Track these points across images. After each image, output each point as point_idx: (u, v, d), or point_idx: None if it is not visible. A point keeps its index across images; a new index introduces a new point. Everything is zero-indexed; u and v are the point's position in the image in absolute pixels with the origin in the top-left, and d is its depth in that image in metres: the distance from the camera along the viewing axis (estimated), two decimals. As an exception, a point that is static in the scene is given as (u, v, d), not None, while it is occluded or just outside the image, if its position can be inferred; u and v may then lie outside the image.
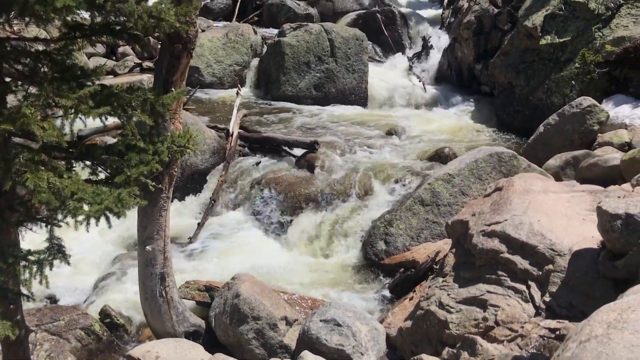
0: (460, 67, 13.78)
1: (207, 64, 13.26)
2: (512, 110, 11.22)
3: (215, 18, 17.56)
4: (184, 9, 4.25)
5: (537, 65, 11.03)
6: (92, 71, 4.26)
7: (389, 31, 15.78)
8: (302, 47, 12.89)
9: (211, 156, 9.33)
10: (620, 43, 9.80)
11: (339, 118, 11.93)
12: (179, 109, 4.86)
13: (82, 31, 4.32)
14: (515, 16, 12.21)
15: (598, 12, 10.36)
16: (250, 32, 14.05)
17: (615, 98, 9.61)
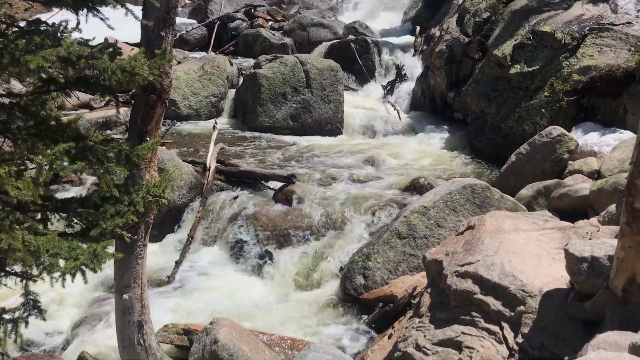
0: (434, 94, 14.04)
1: (183, 96, 13.31)
2: (484, 138, 11.44)
3: (191, 48, 17.69)
4: (157, 62, 4.33)
5: (508, 93, 11.29)
6: (67, 125, 4.30)
7: (363, 60, 16.01)
8: (278, 79, 13.03)
9: (188, 192, 9.33)
10: (587, 72, 10.10)
11: (316, 148, 12.04)
12: (154, 158, 4.90)
13: (56, 84, 4.37)
14: (486, 45, 12.51)
15: (564, 42, 10.67)
16: (226, 63, 14.16)
17: (584, 126, 9.88)
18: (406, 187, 9.41)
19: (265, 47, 17.20)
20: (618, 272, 3.52)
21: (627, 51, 9.99)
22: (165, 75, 4.57)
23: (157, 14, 4.49)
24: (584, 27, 10.69)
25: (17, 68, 3.62)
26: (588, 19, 10.93)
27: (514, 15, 12.01)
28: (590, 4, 11.45)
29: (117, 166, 4.27)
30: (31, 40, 3.72)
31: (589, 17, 10.98)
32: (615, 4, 11.17)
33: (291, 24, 18.18)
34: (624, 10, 10.91)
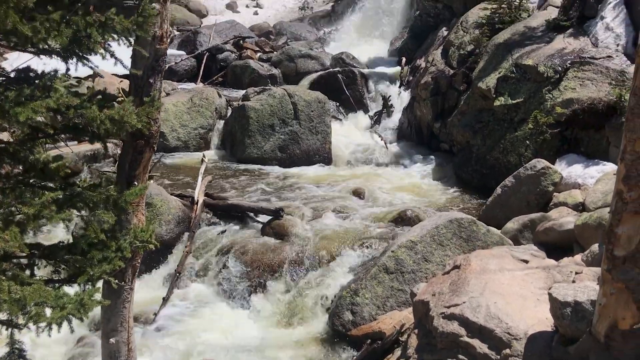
0: (420, 125, 14.20)
1: (171, 128, 13.36)
2: (470, 169, 11.56)
3: (180, 79, 17.79)
4: (146, 110, 4.38)
5: (493, 125, 11.46)
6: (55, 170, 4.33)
7: (350, 90, 16.17)
8: (266, 111, 13.14)
9: (176, 226, 9.33)
10: (569, 105, 10.30)
11: (304, 179, 12.10)
12: (142, 202, 4.93)
13: (45, 132, 4.41)
14: (470, 77, 12.73)
15: (547, 75, 10.89)
16: (215, 95, 14.26)
17: (567, 158, 10.04)
18: (393, 220, 9.47)
19: (253, 78, 17.34)
20: (600, 318, 3.58)
21: (608, 85, 10.21)
22: (154, 122, 4.63)
23: (145, 62, 4.56)
24: (566, 61, 10.93)
25: (6, 120, 3.66)
26: (569, 53, 11.17)
27: (497, 48, 12.24)
28: (572, 38, 11.72)
29: (105, 213, 4.30)
30: (21, 92, 3.77)
31: (571, 51, 11.23)
32: (595, 38, 11.44)
33: (279, 55, 18.37)
34: (604, 44, 11.18)
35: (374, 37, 22.53)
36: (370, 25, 23.49)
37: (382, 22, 23.04)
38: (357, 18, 24.66)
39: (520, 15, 13.37)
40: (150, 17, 4.16)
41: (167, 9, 4.66)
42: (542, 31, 12.25)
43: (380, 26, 23.00)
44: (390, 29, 22.58)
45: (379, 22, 23.11)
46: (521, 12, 13.46)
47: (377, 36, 22.42)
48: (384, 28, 22.80)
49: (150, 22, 4.22)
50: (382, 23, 23.01)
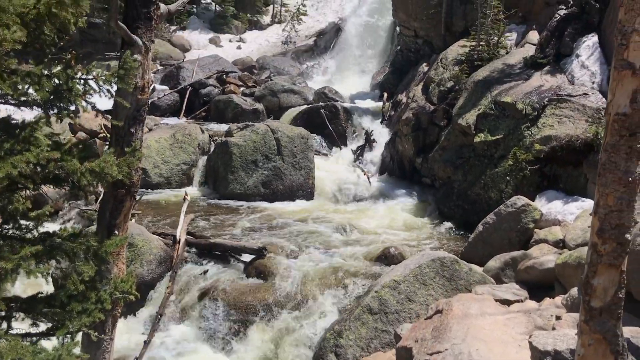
0: (402, 160, 14.33)
1: (154, 164, 13.34)
2: (452, 205, 11.66)
3: (163, 114, 17.84)
4: (127, 160, 4.39)
5: (473, 161, 11.61)
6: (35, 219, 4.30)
7: (333, 125, 16.33)
8: (250, 147, 13.19)
9: (157, 266, 9.24)
10: (548, 142, 10.48)
11: (288, 215, 12.10)
12: (122, 251, 4.90)
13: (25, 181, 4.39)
14: (450, 113, 12.92)
15: (525, 112, 11.10)
16: (198, 131, 14.30)
17: (547, 194, 10.18)
18: (377, 257, 9.48)
19: (236, 113, 17.46)
20: (580, 369, 3.60)
21: (585, 122, 10.43)
22: (135, 171, 4.63)
23: (127, 112, 4.59)
24: (544, 98, 11.16)
25: (-15, 176, 3.64)
26: (547, 90, 11.41)
27: (476, 85, 12.48)
28: (549, 75, 11.99)
29: (85, 265, 4.27)
30: (1, 146, 3.77)
31: (548, 88, 11.47)
32: (572, 76, 11.71)
33: (262, 90, 18.54)
34: (580, 81, 11.44)
35: (356, 71, 22.87)
36: (352, 60, 23.87)
37: (363, 57, 23.42)
38: (339, 52, 25.07)
39: (499, 52, 13.68)
40: (132, 70, 4.21)
41: (148, 60, 4.71)
42: (520, 68, 12.53)
43: (362, 60, 23.39)
44: (371, 63, 22.98)
45: (361, 57, 23.50)
46: (499, 49, 13.78)
47: (359, 70, 22.78)
48: (365, 62, 23.19)
49: (132, 74, 4.26)
50: (364, 57, 23.40)
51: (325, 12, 27.83)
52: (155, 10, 4.61)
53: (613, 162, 3.31)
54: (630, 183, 3.28)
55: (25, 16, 3.52)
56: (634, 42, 3.13)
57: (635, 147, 3.27)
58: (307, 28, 27.13)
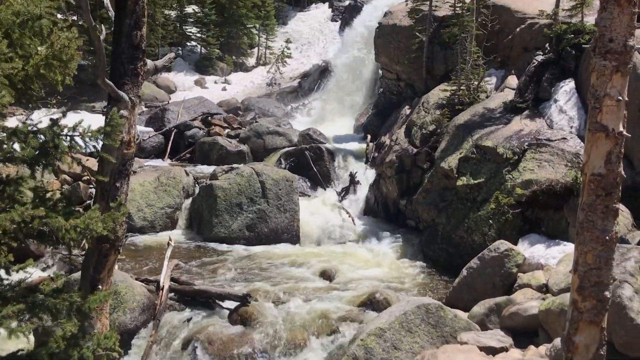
0: (387, 201, 14.43)
1: (138, 208, 13.26)
2: (436, 248, 11.72)
3: (147, 156, 17.84)
4: (112, 215, 4.40)
5: (456, 204, 11.73)
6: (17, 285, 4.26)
7: (318, 166, 16.43)
8: (234, 190, 13.21)
9: (140, 314, 9.09)
10: (529, 186, 10.64)
11: (273, 259, 12.05)
12: (106, 306, 4.86)
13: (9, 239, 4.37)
14: (433, 156, 13.11)
15: (506, 157, 11.30)
16: (182, 174, 14.30)
17: (530, 238, 10.29)
18: (362, 303, 9.43)
19: (221, 155, 17.52)
20: None
21: (565, 166, 10.64)
22: (120, 226, 4.64)
23: (112, 167, 4.62)
24: (524, 142, 11.39)
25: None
26: (527, 134, 11.66)
27: (457, 129, 12.71)
28: (528, 119, 12.26)
29: (67, 322, 4.22)
30: (-15, 205, 3.77)
31: (528, 132, 11.72)
32: (550, 120, 11.99)
33: (247, 131, 18.66)
34: (558, 126, 11.71)
35: (340, 113, 23.13)
36: (336, 101, 24.17)
37: (347, 98, 23.74)
38: (323, 94, 25.41)
39: (479, 96, 13.99)
40: (118, 126, 4.26)
41: (134, 114, 4.77)
42: (500, 112, 12.81)
43: (346, 102, 23.69)
44: (355, 105, 23.27)
45: (345, 98, 23.81)
46: (479, 93, 14.09)
47: (343, 112, 23.04)
48: (349, 104, 23.48)
49: (118, 130, 4.31)
50: (348, 99, 23.72)
51: (310, 55, 28.32)
52: (142, 67, 4.69)
53: (590, 220, 3.39)
54: (607, 241, 3.36)
55: (14, 77, 3.57)
56: (606, 105, 3.26)
57: (612, 206, 3.36)
58: (292, 70, 27.53)
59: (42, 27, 3.70)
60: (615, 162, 3.31)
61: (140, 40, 4.53)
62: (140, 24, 4.53)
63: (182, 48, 27.27)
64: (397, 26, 18.04)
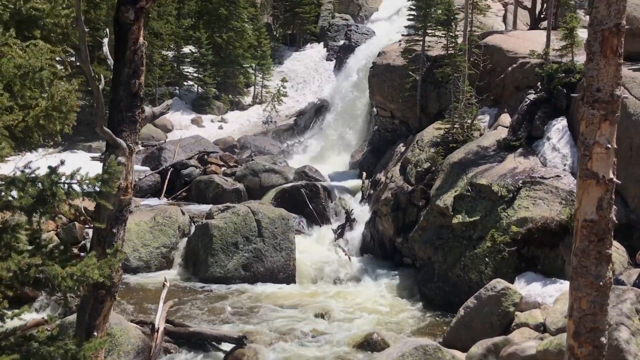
0: (383, 239, 14.42)
1: (133, 248, 13.21)
2: (433, 286, 11.67)
3: (144, 195, 17.85)
4: (109, 262, 4.40)
5: (452, 242, 11.74)
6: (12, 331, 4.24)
7: (314, 204, 16.45)
8: (230, 229, 13.20)
9: (135, 357, 8.98)
10: (524, 224, 10.69)
11: (268, 299, 11.98)
12: (101, 353, 4.81)
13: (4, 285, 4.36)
14: (428, 193, 13.17)
15: (501, 194, 11.37)
16: (178, 213, 14.29)
17: (526, 276, 10.28)
18: (360, 344, 9.37)
19: (217, 193, 17.54)
20: None
21: (559, 204, 10.71)
22: (116, 272, 4.64)
23: (109, 213, 4.64)
24: (518, 180, 11.48)
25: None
26: (521, 172, 11.76)
27: (452, 167, 12.80)
28: (522, 157, 12.38)
29: (61, 371, 4.18)
30: (-19, 254, 3.78)
31: (522, 170, 11.82)
32: (544, 158, 12.11)
33: (243, 170, 18.74)
34: (552, 163, 11.83)
35: (335, 150, 23.28)
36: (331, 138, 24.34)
37: (342, 136, 23.92)
38: (318, 131, 25.61)
39: (472, 134, 14.13)
40: (115, 174, 4.30)
41: (132, 161, 4.82)
42: (494, 150, 12.93)
43: (341, 139, 23.86)
44: (350, 142, 23.45)
45: (340, 136, 23.99)
46: (473, 131, 14.24)
47: (338, 149, 23.19)
48: (344, 141, 23.65)
49: (116, 177, 4.35)
50: (343, 136, 23.90)
51: (305, 93, 28.64)
52: (140, 114, 4.76)
53: (584, 266, 3.42)
54: (602, 287, 3.39)
55: (14, 128, 3.62)
56: (596, 153, 3.32)
57: (604, 252, 3.40)
58: (288, 108, 27.80)
59: (42, 78, 3.78)
60: (607, 208, 3.36)
61: (138, 88, 4.62)
62: (138, 72, 4.62)
63: (179, 87, 27.55)
64: (391, 66, 18.32)
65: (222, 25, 27.78)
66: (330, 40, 30.88)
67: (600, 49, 3.29)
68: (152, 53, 23.30)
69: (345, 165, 21.60)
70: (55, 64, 4.09)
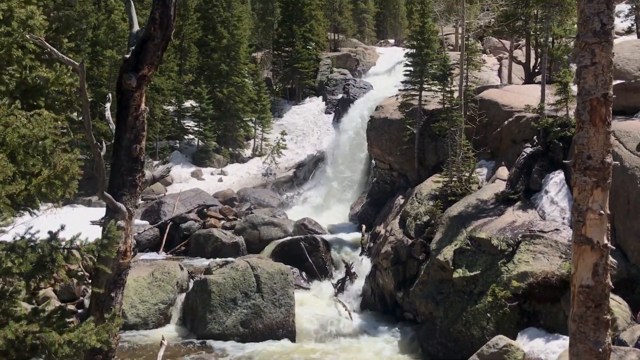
0: (383, 294, 14.29)
1: (131, 304, 13.08)
2: (435, 342, 11.50)
3: (142, 249, 17.79)
4: (106, 327, 4.38)
5: (454, 297, 11.64)
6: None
7: (313, 257, 16.39)
8: (229, 284, 13.10)
9: (131, 419, 8.79)
10: (525, 278, 10.63)
11: (267, 357, 11.78)
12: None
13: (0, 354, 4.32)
14: (428, 247, 13.13)
15: (501, 248, 11.35)
16: (177, 269, 14.21)
17: (528, 331, 10.15)
18: (360, 404, 9.17)
19: (216, 247, 17.50)
20: None
21: (559, 258, 10.68)
22: (113, 337, 4.60)
23: (108, 277, 4.65)
24: (517, 234, 11.48)
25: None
26: (520, 226, 11.77)
27: (451, 220, 12.82)
28: (521, 210, 12.43)
29: None
30: (-21, 323, 3.77)
31: (521, 224, 11.84)
32: (542, 211, 12.15)
33: (243, 223, 18.74)
34: (551, 217, 11.86)
35: (335, 202, 23.35)
36: (330, 190, 24.46)
37: (342, 187, 24.05)
38: (318, 183, 25.76)
39: (471, 187, 14.22)
40: (115, 238, 4.33)
41: (131, 224, 4.86)
42: (492, 204, 12.99)
43: (341, 191, 23.97)
44: (349, 193, 23.55)
45: (339, 187, 24.12)
46: (471, 184, 14.33)
47: (338, 200, 23.27)
48: (343, 193, 23.76)
49: (115, 242, 4.38)
50: (342, 188, 24.02)
51: (304, 145, 28.93)
52: (140, 178, 4.83)
53: (582, 332, 3.41)
54: (601, 354, 3.37)
55: (16, 197, 3.67)
56: (589, 219, 3.37)
57: (602, 317, 3.40)
58: (287, 160, 28.03)
59: (45, 146, 3.87)
60: (603, 274, 3.38)
61: (139, 153, 4.70)
62: (139, 137, 4.72)
63: (179, 141, 27.84)
64: (389, 119, 18.62)
65: (223, 81, 28.32)
66: (328, 94, 31.42)
67: (589, 117, 3.38)
68: (154, 108, 23.66)
69: (344, 216, 21.62)
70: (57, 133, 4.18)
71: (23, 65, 4.30)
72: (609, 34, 3.39)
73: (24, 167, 3.83)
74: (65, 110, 5.05)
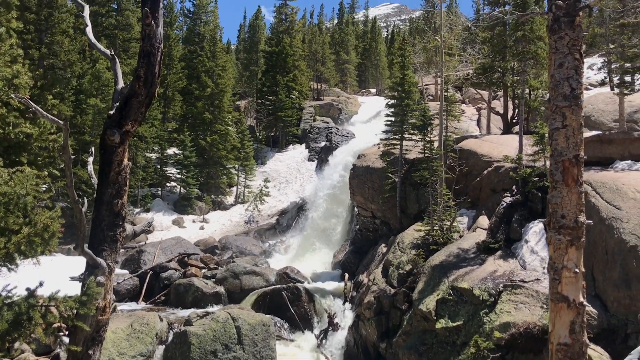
0: (366, 345, 14.12)
1: (109, 357, 12.74)
2: (419, 395, 11.35)
3: (121, 299, 17.47)
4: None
5: (437, 348, 11.54)
6: None
7: (295, 307, 16.22)
8: (209, 336, 12.88)
9: None
10: (507, 329, 10.59)
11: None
12: None
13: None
14: (411, 296, 13.08)
15: (483, 298, 11.34)
16: (156, 320, 13.94)
17: (513, 383, 10.06)
18: None
19: (197, 297, 17.24)
20: None
21: (540, 308, 10.68)
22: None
23: (86, 334, 4.57)
24: (499, 284, 11.49)
25: None
26: (501, 275, 11.81)
27: (434, 270, 12.84)
28: (501, 260, 12.49)
29: None
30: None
31: (502, 274, 11.88)
32: (523, 261, 12.22)
33: (224, 272, 18.55)
34: (531, 266, 11.92)
35: (317, 249, 23.28)
36: (313, 238, 24.43)
37: (325, 235, 24.04)
38: (300, 231, 25.71)
39: (452, 236, 14.30)
40: (94, 295, 4.29)
41: (111, 280, 4.82)
42: (474, 253, 13.05)
43: (323, 238, 23.95)
44: (332, 241, 23.54)
45: (322, 235, 24.10)
46: (452, 233, 14.42)
47: (320, 248, 23.21)
48: (326, 240, 23.73)
49: (95, 299, 4.33)
50: (325, 235, 24.01)
51: (287, 192, 29.01)
52: (121, 233, 4.81)
53: (562, 391, 3.42)
54: (581, 413, 3.37)
55: (-7, 255, 3.65)
56: (565, 277, 3.43)
57: (581, 376, 3.41)
58: (270, 207, 28.03)
59: (26, 203, 3.86)
60: (580, 331, 3.42)
61: (120, 208, 4.70)
62: (121, 192, 4.73)
63: (161, 188, 27.76)
64: (371, 168, 18.81)
65: (207, 128, 28.55)
66: (311, 141, 31.77)
67: (562, 177, 3.49)
68: (136, 155, 23.67)
69: (327, 264, 21.54)
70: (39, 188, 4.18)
71: (7, 122, 4.33)
72: (579, 97, 3.53)
73: (4, 224, 3.81)
74: (48, 167, 5.06)
